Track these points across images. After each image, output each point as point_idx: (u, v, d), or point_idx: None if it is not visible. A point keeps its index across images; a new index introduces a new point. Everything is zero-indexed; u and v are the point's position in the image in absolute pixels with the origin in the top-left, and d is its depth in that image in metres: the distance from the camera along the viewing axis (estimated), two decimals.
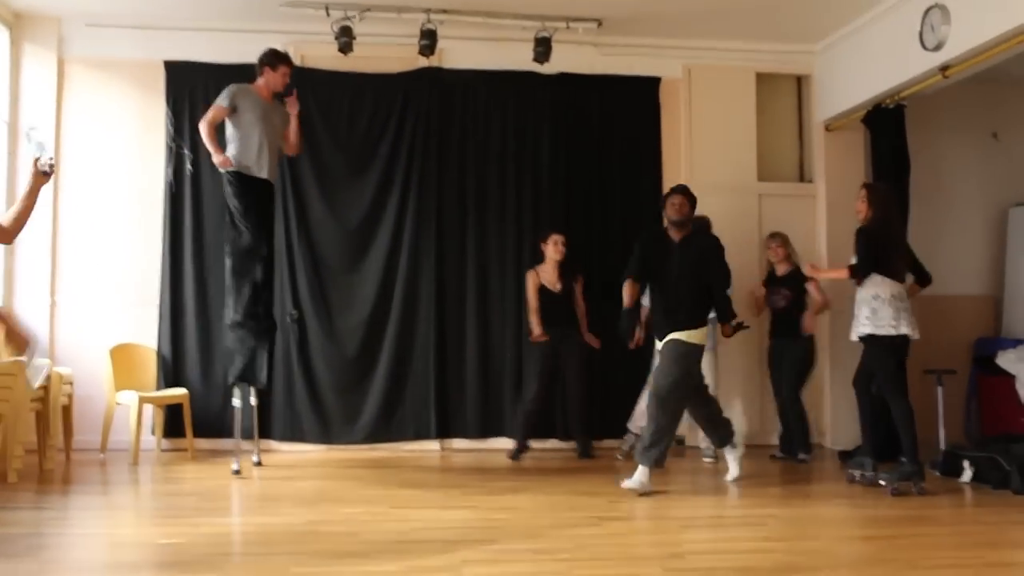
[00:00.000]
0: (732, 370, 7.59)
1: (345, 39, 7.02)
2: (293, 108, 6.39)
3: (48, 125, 7.27)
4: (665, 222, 5.91)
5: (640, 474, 5.56)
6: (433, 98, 7.54)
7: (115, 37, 7.38)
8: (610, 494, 5.58)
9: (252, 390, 6.48)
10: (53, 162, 4.02)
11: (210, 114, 6.12)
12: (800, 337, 6.99)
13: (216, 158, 6.05)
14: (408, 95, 7.41)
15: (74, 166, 7.36)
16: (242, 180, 6.16)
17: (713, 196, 7.80)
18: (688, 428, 7.31)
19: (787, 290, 7.04)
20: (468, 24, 7.28)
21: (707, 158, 7.91)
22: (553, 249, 7.05)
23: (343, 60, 7.11)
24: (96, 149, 7.40)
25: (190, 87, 7.40)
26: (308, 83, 7.22)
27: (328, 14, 7.04)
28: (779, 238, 7.20)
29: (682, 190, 5.87)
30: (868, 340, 5.99)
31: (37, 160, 4.05)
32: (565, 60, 7.48)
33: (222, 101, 6.13)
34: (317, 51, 7.43)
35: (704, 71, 7.98)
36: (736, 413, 6.95)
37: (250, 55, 7.31)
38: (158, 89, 7.41)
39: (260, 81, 6.32)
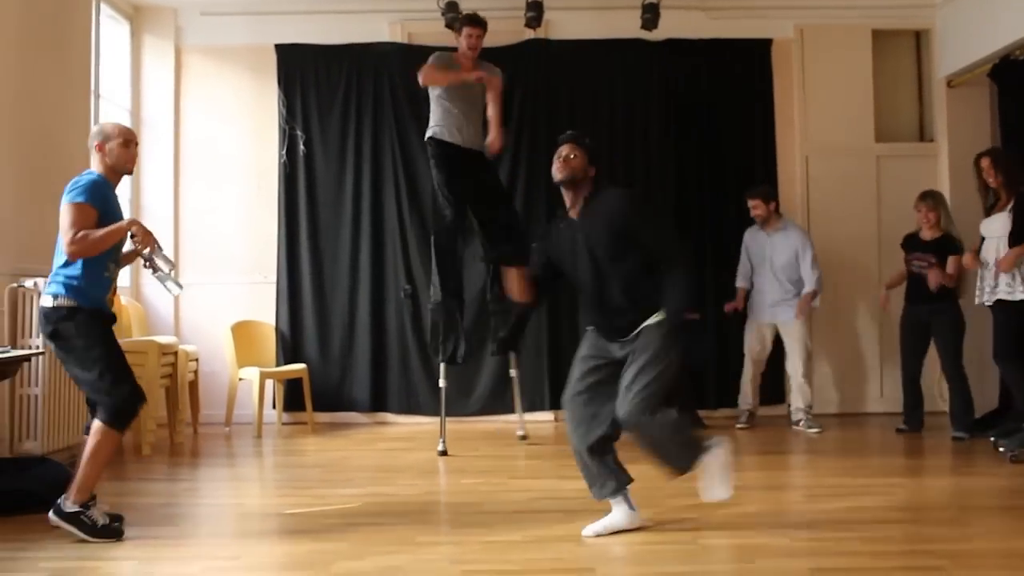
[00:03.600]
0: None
1: (452, 15, 7.02)
2: (492, 149, 6.21)
3: (168, 112, 7.52)
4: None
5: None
6: (540, 70, 7.52)
7: (228, 24, 7.57)
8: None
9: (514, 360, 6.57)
10: (153, 266, 4.02)
11: (432, 75, 5.94)
12: (947, 302, 6.45)
13: (470, 76, 5.88)
14: (515, 68, 7.37)
15: (193, 151, 7.59)
16: (444, 150, 6.03)
17: (829, 159, 7.64)
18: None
19: (933, 256, 6.50)
20: None
21: (822, 120, 7.69)
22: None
23: (450, 36, 7.08)
24: (213, 133, 7.62)
25: (300, 69, 7.55)
26: (416, 60, 7.23)
27: None
28: (931, 199, 6.62)
29: None
30: (1007, 305, 5.72)
31: (154, 262, 4.01)
32: (673, 26, 7.35)
33: (436, 61, 5.97)
34: (424, 28, 7.47)
35: (817, 31, 7.74)
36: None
37: (357, 35, 7.51)
38: (270, 72, 7.57)
39: (460, 50, 6.15)
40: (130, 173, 4.18)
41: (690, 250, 5.02)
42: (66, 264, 3.95)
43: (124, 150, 4.06)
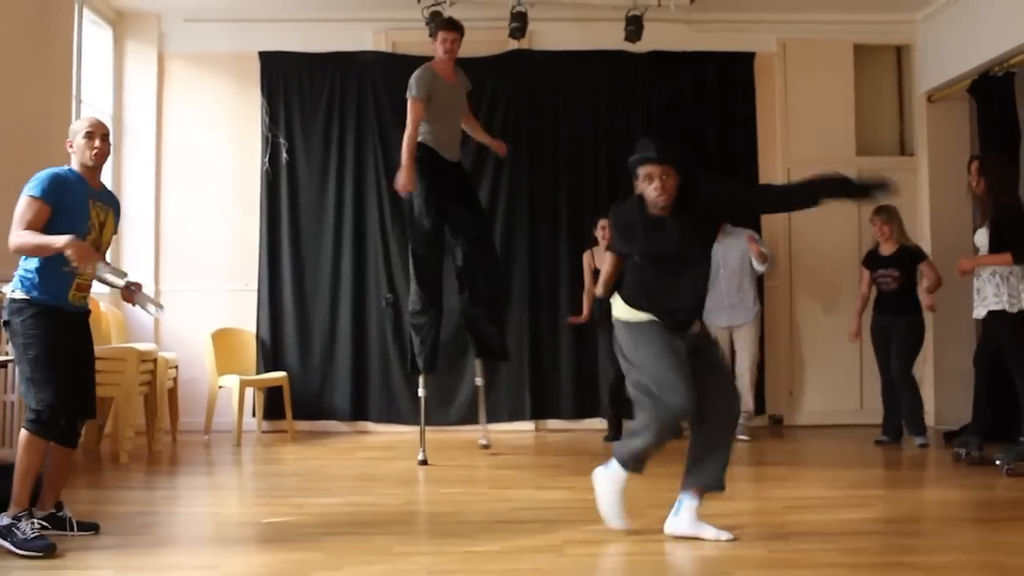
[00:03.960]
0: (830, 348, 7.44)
1: (435, 24, 7.02)
2: (501, 151, 6.41)
3: (150, 118, 7.49)
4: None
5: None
6: (524, 80, 7.54)
7: (211, 31, 7.56)
8: None
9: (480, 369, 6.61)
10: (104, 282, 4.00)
11: (413, 113, 5.89)
12: (910, 313, 6.58)
13: (403, 177, 5.89)
14: (499, 78, 7.41)
15: (175, 157, 7.57)
16: (431, 155, 6.00)
17: (811, 172, 7.60)
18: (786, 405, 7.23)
19: (896, 270, 6.61)
20: (558, 5, 7.25)
21: (803, 133, 7.75)
22: (602, 233, 6.93)
23: (434, 45, 7.09)
24: (195, 140, 7.60)
25: (284, 77, 7.55)
26: (399, 69, 7.25)
27: (418, 0, 7.07)
28: (885, 213, 6.68)
29: None
30: (1000, 317, 5.70)
31: (104, 279, 3.99)
32: (656, 38, 7.39)
33: (417, 92, 5.90)
34: (408, 37, 7.50)
35: (799, 45, 7.80)
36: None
37: (341, 43, 7.51)
38: (253, 80, 7.57)
39: (436, 57, 6.14)
40: (97, 165, 4.06)
41: None
42: (25, 258, 3.93)
43: (86, 141, 4.00)
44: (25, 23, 5.52)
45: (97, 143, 4.03)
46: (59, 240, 3.78)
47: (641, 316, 4.02)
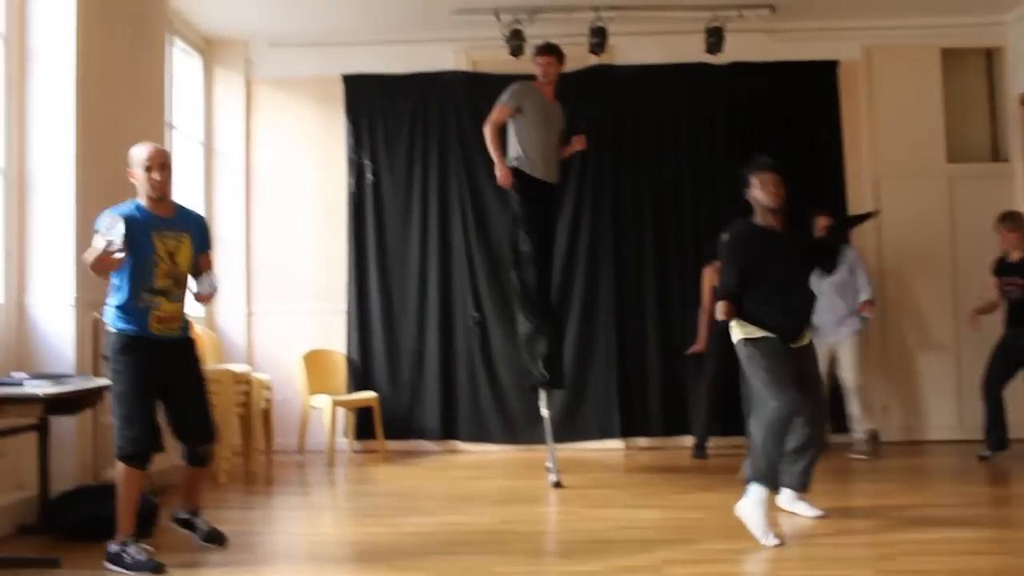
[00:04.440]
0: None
1: (516, 42, 7.09)
2: (581, 144, 6.31)
3: (239, 143, 7.67)
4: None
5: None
6: (605, 95, 7.51)
7: (296, 56, 7.69)
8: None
9: (546, 399, 6.23)
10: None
11: (494, 115, 5.96)
12: None
13: (499, 171, 5.93)
14: (579, 94, 7.38)
15: (264, 181, 7.71)
16: (526, 181, 6.00)
17: (899, 181, 7.52)
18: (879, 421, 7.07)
19: (1022, 278, 6.40)
20: (638, 19, 7.23)
21: (891, 141, 7.57)
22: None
23: (514, 63, 7.14)
24: (283, 163, 7.74)
25: (367, 99, 7.64)
26: (481, 88, 7.33)
27: (498, 19, 7.12)
28: (1011, 221, 6.51)
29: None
30: None
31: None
32: (737, 49, 7.30)
33: (507, 100, 5.94)
34: (489, 56, 7.53)
35: (884, 51, 7.64)
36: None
37: (423, 64, 7.59)
38: (338, 103, 7.68)
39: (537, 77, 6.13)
40: (162, 198, 4.15)
41: None
42: (109, 293, 4.10)
43: (145, 175, 4.12)
44: (120, 54, 5.68)
45: (156, 175, 4.11)
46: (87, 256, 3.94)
47: (757, 332, 4.45)
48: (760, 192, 4.52)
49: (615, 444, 7.36)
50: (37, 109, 5.14)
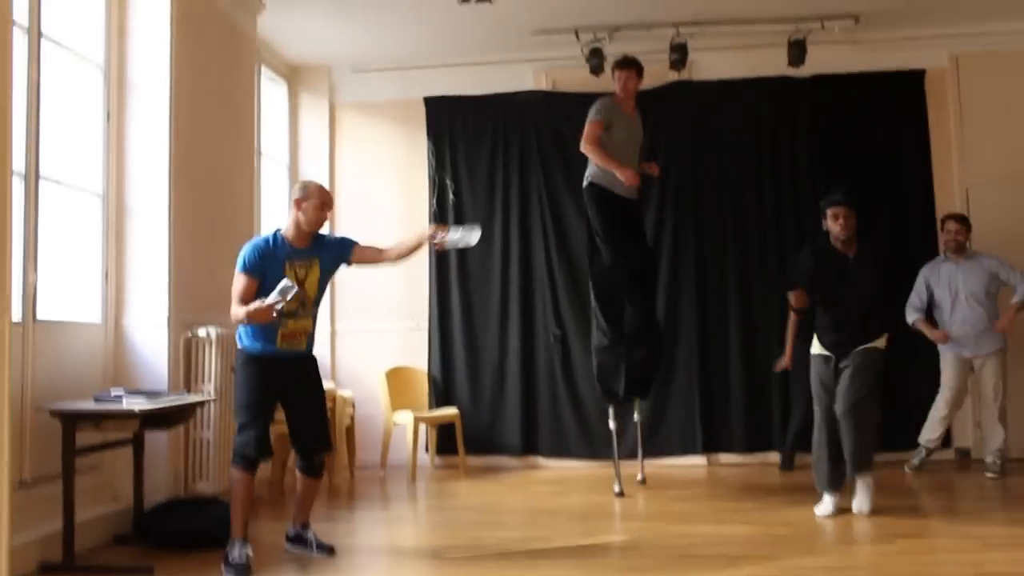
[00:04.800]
0: None
1: (596, 60, 7.11)
2: (654, 171, 6.29)
3: (323, 165, 7.84)
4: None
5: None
6: (686, 111, 7.50)
7: (378, 80, 7.86)
8: (894, 509, 5.29)
9: (636, 407, 6.47)
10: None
11: (590, 132, 5.93)
12: None
13: (622, 174, 5.81)
14: (661, 110, 7.37)
15: (348, 202, 7.84)
16: (604, 196, 6.04)
17: (992, 191, 7.31)
18: (973, 441, 6.85)
19: None
20: (718, 34, 7.19)
21: (982, 151, 7.37)
22: None
23: (594, 81, 7.15)
24: (366, 185, 7.90)
25: (449, 120, 7.76)
26: (560, 107, 7.39)
27: (578, 38, 7.16)
28: None
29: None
30: None
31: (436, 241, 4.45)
32: (820, 61, 7.21)
33: (597, 117, 5.95)
34: (569, 75, 7.57)
35: (973, 58, 7.45)
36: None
37: (502, 85, 7.67)
38: (419, 124, 7.81)
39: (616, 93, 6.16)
40: (313, 232, 4.40)
41: None
42: None
43: (317, 213, 4.35)
44: (212, 84, 5.89)
45: (323, 213, 4.39)
46: (242, 312, 4.13)
47: (816, 348, 5.29)
48: (831, 223, 5.25)
49: (697, 460, 7.29)
50: (134, 137, 5.38)
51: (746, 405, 7.28)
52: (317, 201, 4.33)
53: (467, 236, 4.35)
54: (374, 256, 4.59)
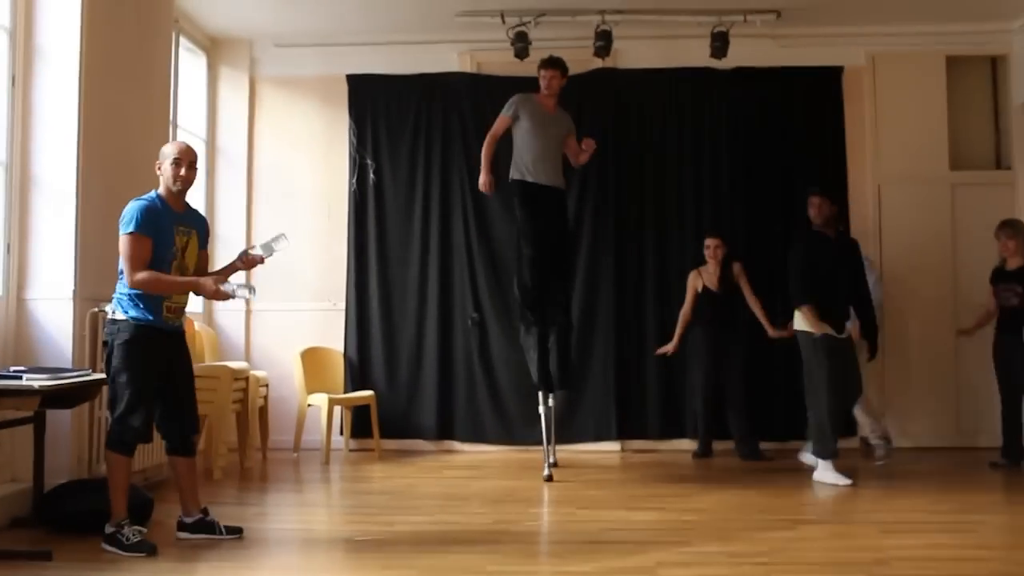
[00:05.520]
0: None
1: (521, 45, 7.09)
2: (589, 148, 6.25)
3: (242, 141, 7.68)
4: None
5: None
6: (609, 99, 7.53)
7: (300, 55, 7.72)
8: (798, 496, 5.43)
9: (549, 396, 6.37)
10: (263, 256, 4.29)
11: (495, 126, 6.21)
12: None
13: (482, 178, 6.15)
14: (584, 97, 7.38)
15: (265, 179, 7.73)
16: (523, 187, 6.19)
17: (902, 187, 7.52)
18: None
19: (1019, 286, 6.45)
20: (643, 23, 7.23)
21: (894, 148, 7.57)
22: (709, 252, 7.04)
23: (519, 65, 7.13)
24: (285, 162, 7.76)
25: (371, 99, 7.66)
26: (484, 90, 7.35)
27: (503, 21, 7.13)
28: (1010, 228, 6.58)
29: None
30: None
31: (257, 257, 4.36)
32: (742, 54, 7.31)
33: (505, 112, 6.18)
34: (493, 58, 7.54)
35: (889, 58, 7.64)
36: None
37: (427, 65, 7.61)
38: (341, 102, 7.70)
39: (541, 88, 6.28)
40: (182, 191, 4.28)
41: None
42: (121, 279, 4.17)
43: (173, 168, 4.22)
44: (126, 52, 5.69)
45: (183, 171, 4.24)
46: (196, 284, 4.09)
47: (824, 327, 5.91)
48: (811, 210, 6.03)
49: (611, 446, 7.35)
50: (42, 105, 5.16)
51: (660, 393, 7.37)
52: (170, 158, 4.22)
53: (273, 244, 4.36)
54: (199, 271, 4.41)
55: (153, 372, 4.16)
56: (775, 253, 7.01)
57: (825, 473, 5.81)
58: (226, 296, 4.11)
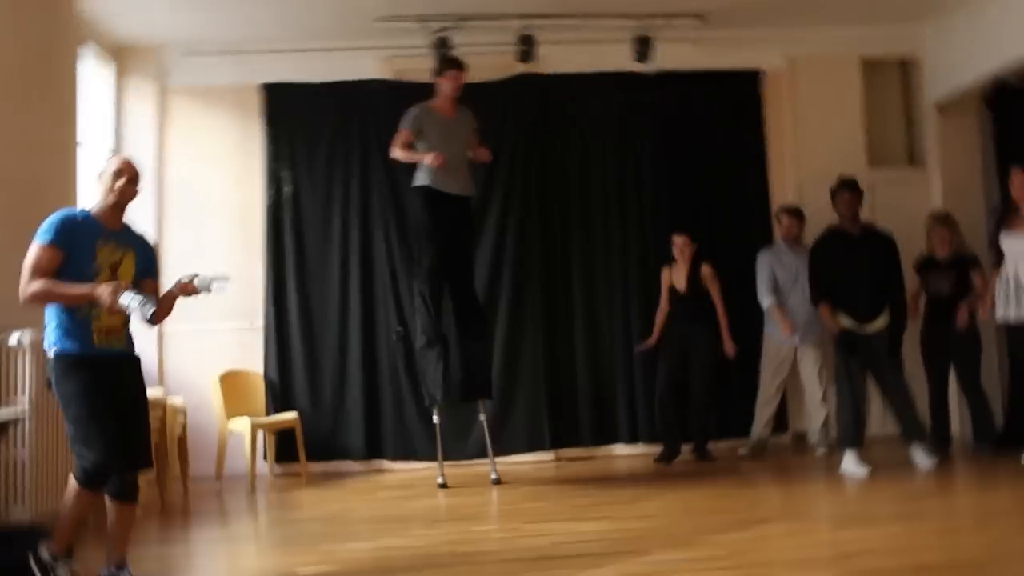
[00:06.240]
0: None
1: (442, 50, 6.92)
2: (483, 157, 6.27)
3: (151, 153, 7.29)
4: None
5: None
6: (533, 104, 7.43)
7: (212, 64, 7.38)
8: (744, 496, 5.38)
9: (482, 406, 6.46)
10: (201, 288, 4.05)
11: (398, 140, 6.11)
12: (969, 320, 6.56)
13: (427, 158, 5.93)
14: (507, 102, 7.27)
15: (177, 193, 7.38)
16: (428, 193, 6.10)
17: (822, 186, 7.52)
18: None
19: (949, 276, 6.66)
20: (566, 27, 7.14)
21: (814, 148, 7.66)
22: (676, 251, 6.96)
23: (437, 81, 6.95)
24: (197, 175, 7.42)
25: (287, 108, 7.39)
26: (403, 97, 7.11)
27: (423, 27, 6.94)
28: (941, 219, 6.78)
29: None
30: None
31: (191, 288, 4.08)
32: (665, 58, 7.30)
33: (405, 124, 6.11)
34: (414, 64, 7.27)
35: (807, 60, 7.75)
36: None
37: (344, 73, 7.37)
38: (255, 112, 7.41)
39: (437, 95, 6.24)
40: (118, 205, 3.94)
41: None
42: (47, 313, 3.82)
43: (111, 180, 3.90)
44: (30, 60, 5.34)
45: (120, 183, 3.90)
46: (89, 291, 3.68)
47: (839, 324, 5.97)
48: (836, 206, 6.11)
49: (545, 456, 7.22)
50: None
51: (593, 400, 7.27)
52: (111, 171, 3.91)
53: (213, 283, 4.15)
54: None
55: (97, 398, 3.76)
56: (700, 253, 7.02)
57: (847, 463, 5.84)
58: (121, 309, 3.76)
